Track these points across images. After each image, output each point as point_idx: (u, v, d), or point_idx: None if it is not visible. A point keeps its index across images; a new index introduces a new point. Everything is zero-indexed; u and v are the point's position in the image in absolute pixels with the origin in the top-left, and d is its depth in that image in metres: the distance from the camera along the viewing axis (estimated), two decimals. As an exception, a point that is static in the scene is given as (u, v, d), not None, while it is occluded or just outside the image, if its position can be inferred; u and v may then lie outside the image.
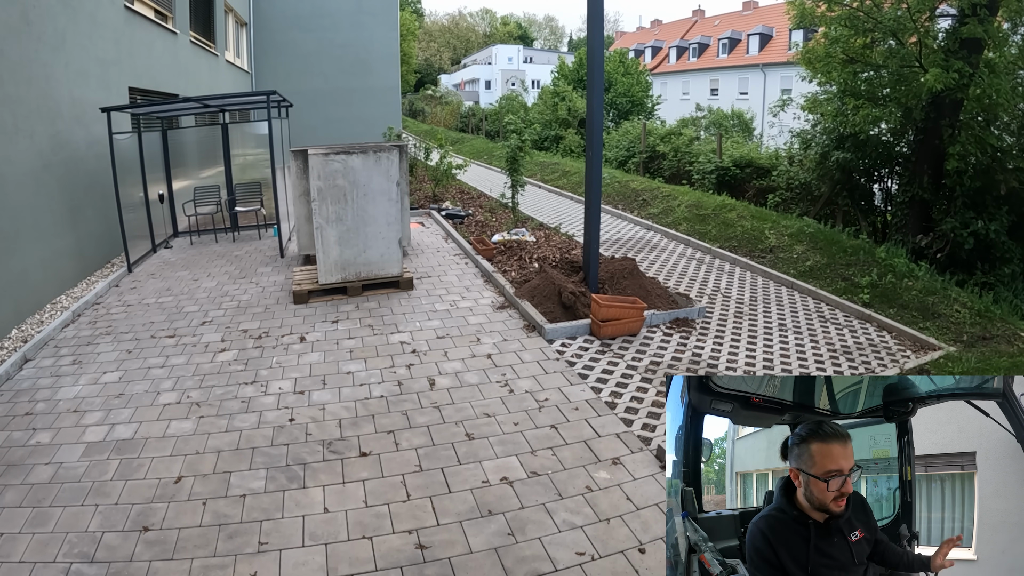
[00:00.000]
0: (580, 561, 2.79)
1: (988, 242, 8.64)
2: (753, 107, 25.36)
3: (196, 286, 7.13)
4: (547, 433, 3.87)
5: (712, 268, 8.08)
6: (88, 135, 7.70)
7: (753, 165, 12.95)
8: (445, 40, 68.04)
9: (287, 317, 6.03)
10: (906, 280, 6.99)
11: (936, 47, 8.64)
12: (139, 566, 2.77)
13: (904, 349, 5.63)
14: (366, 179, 6.33)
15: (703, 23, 43.32)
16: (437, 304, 6.28)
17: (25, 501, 3.27)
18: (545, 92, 26.75)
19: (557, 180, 15.52)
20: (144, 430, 3.97)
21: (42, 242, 6.58)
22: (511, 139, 9.82)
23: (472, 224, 9.98)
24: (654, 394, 4.38)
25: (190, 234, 9.69)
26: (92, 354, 5.24)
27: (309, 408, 4.22)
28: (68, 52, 7.41)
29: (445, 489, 3.32)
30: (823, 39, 9.93)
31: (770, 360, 5.21)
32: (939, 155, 8.87)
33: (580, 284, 6.08)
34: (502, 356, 5.01)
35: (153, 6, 10.92)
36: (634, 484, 3.35)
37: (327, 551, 2.86)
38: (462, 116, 36.57)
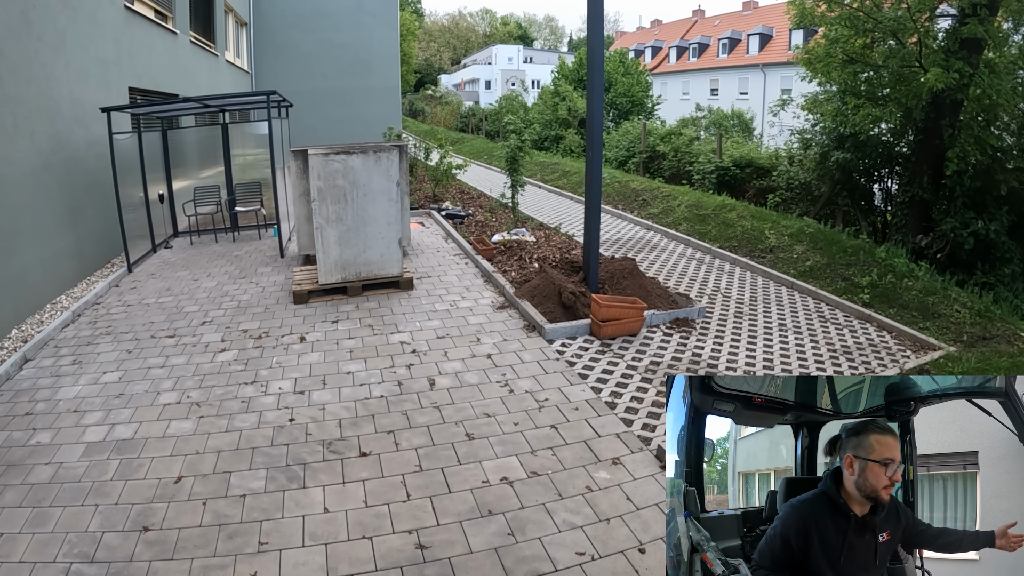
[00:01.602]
0: (580, 561, 2.78)
1: (988, 242, 8.64)
2: (753, 107, 25.37)
3: (196, 286, 7.13)
4: (547, 433, 3.86)
5: (712, 268, 8.08)
6: (88, 135, 7.69)
7: (753, 165, 12.95)
8: (445, 40, 68.05)
9: (287, 317, 6.03)
10: (906, 280, 6.99)
11: (936, 47, 8.64)
12: (139, 566, 2.77)
13: (904, 349, 5.62)
14: (366, 179, 6.33)
15: (703, 23, 43.33)
16: (437, 304, 6.28)
17: (25, 501, 3.26)
18: (545, 92, 26.75)
19: (557, 180, 15.52)
20: (144, 430, 3.96)
21: (42, 242, 6.58)
22: (511, 139, 9.82)
23: (472, 224, 9.98)
24: (654, 394, 4.38)
25: (190, 234, 9.69)
26: (92, 354, 5.23)
27: (309, 408, 4.22)
28: (68, 52, 7.41)
29: (445, 489, 3.32)
30: (823, 39, 9.93)
31: (770, 360, 5.21)
32: (939, 155, 8.87)
33: (580, 284, 6.08)
34: (502, 356, 5.01)
35: (153, 6, 10.92)
36: (634, 484, 3.35)
37: (327, 551, 2.85)
38: (462, 116, 36.58)
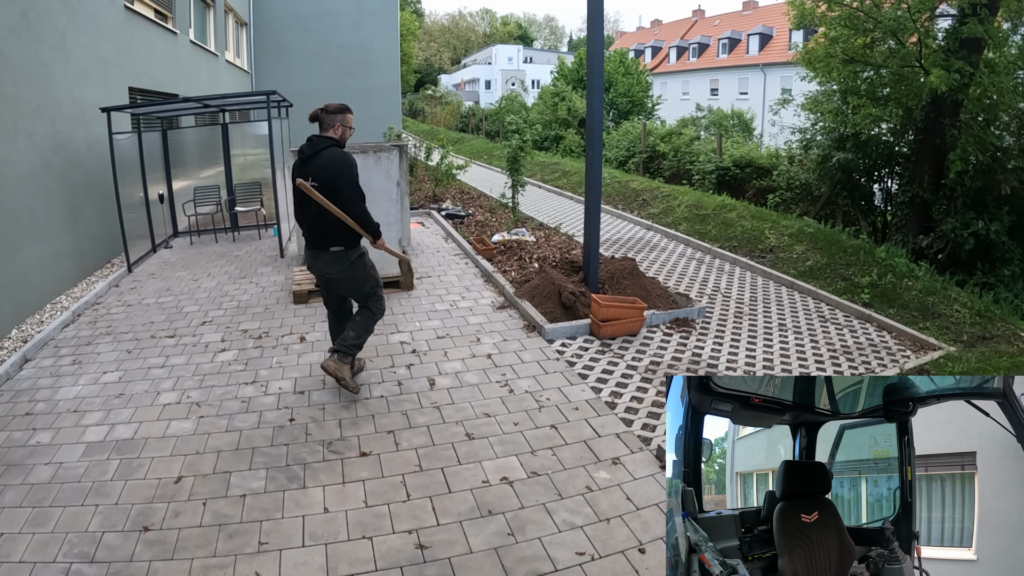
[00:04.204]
0: (580, 561, 2.79)
1: (988, 242, 8.64)
2: (753, 107, 25.39)
3: (196, 286, 7.13)
4: (547, 433, 3.87)
5: (712, 268, 8.08)
6: (88, 135, 7.70)
7: (753, 165, 12.95)
8: (445, 40, 68.04)
9: (287, 317, 6.03)
10: (906, 280, 6.99)
11: (936, 47, 8.64)
12: (139, 566, 2.77)
13: (904, 349, 5.63)
14: (366, 179, 6.25)
15: (703, 23, 43.32)
16: (437, 304, 6.28)
17: (25, 501, 3.26)
18: (545, 92, 26.76)
19: (557, 180, 15.52)
20: (144, 430, 3.97)
21: (42, 242, 6.58)
22: (512, 139, 9.82)
23: (472, 224, 9.98)
24: (654, 394, 4.38)
25: (190, 234, 9.69)
26: (92, 354, 5.24)
27: (309, 408, 4.22)
28: (68, 52, 7.41)
29: (445, 489, 3.32)
30: (823, 39, 9.93)
31: (770, 360, 5.21)
32: (939, 155, 8.87)
33: (580, 284, 6.08)
34: (502, 356, 5.01)
35: (153, 6, 10.92)
36: (634, 484, 3.35)
37: (327, 551, 2.86)
38: (462, 116, 36.57)
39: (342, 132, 3.98)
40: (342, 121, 3.96)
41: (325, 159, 3.83)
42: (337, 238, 3.93)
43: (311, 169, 3.83)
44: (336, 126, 3.95)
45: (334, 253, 3.97)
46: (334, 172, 3.80)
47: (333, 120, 3.94)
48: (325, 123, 3.95)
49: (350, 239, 3.98)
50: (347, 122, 4.00)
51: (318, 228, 3.95)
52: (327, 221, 3.87)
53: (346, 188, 3.82)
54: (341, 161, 3.83)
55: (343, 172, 3.81)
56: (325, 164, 3.81)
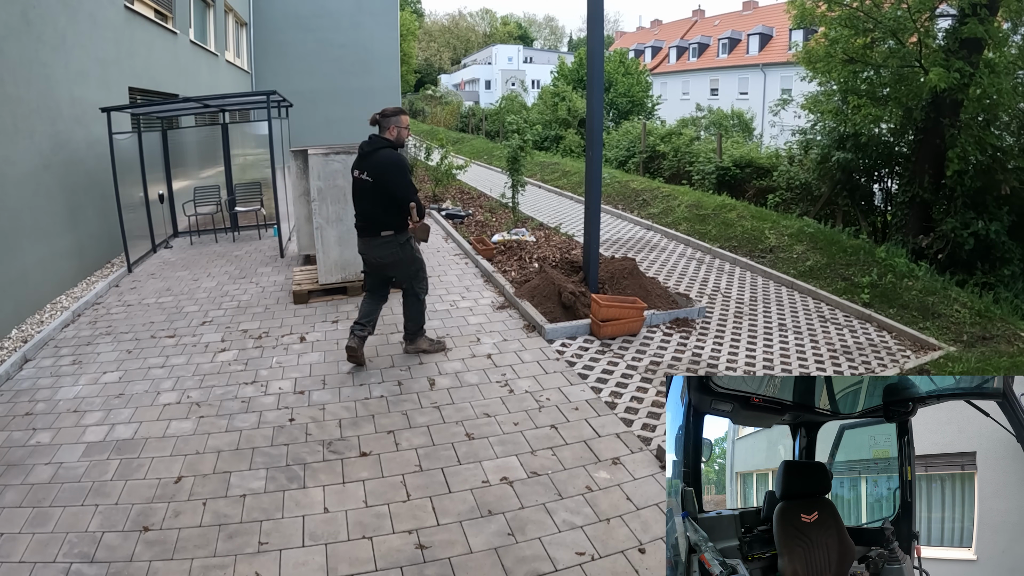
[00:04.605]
0: (580, 561, 2.79)
1: (988, 242, 8.63)
2: (753, 107, 25.41)
3: (196, 286, 7.13)
4: (547, 433, 3.87)
5: (712, 268, 8.08)
6: (88, 135, 7.70)
7: (753, 165, 12.95)
8: (445, 40, 68.05)
9: (287, 317, 6.03)
10: (906, 280, 6.99)
11: (936, 47, 8.64)
12: (139, 566, 2.77)
13: (904, 349, 5.63)
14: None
15: (703, 23, 43.34)
16: (437, 304, 6.28)
17: (25, 501, 3.27)
18: (545, 92, 26.77)
19: (557, 180, 15.52)
20: (144, 430, 3.97)
21: (42, 242, 6.58)
22: (512, 139, 9.82)
23: (472, 224, 9.98)
24: (654, 394, 4.38)
25: (190, 234, 9.69)
26: (92, 354, 5.24)
27: (309, 408, 4.22)
28: (68, 52, 7.41)
29: (445, 489, 3.32)
30: (823, 39, 9.93)
31: (770, 360, 5.21)
32: (939, 155, 8.87)
33: (580, 284, 6.08)
34: (502, 356, 5.01)
35: (153, 6, 10.93)
36: (634, 484, 3.35)
37: (327, 551, 2.86)
38: (462, 116, 36.57)
39: (397, 133, 4.48)
40: (396, 123, 4.46)
41: (379, 158, 4.41)
42: (387, 224, 4.48)
43: (366, 165, 4.44)
44: (391, 128, 4.46)
45: (385, 237, 4.50)
46: (385, 168, 4.38)
47: (388, 123, 4.46)
48: (382, 126, 4.47)
49: (398, 225, 4.50)
50: (401, 123, 4.49)
51: (371, 217, 4.50)
52: (377, 210, 4.45)
53: (398, 182, 4.38)
54: (391, 160, 4.41)
55: (390, 169, 4.38)
56: (378, 162, 4.40)
